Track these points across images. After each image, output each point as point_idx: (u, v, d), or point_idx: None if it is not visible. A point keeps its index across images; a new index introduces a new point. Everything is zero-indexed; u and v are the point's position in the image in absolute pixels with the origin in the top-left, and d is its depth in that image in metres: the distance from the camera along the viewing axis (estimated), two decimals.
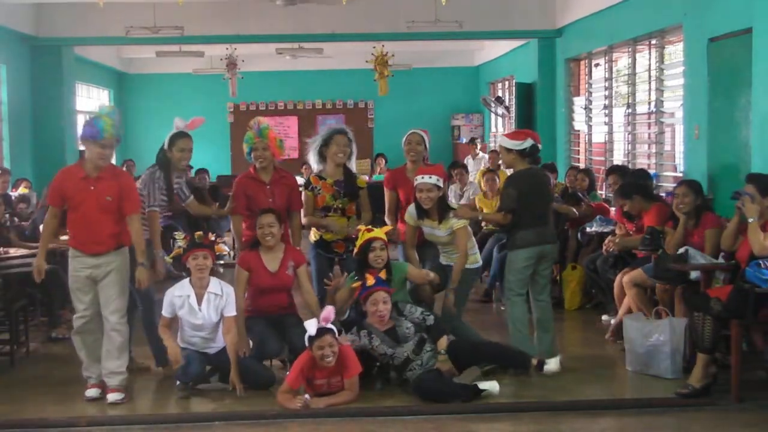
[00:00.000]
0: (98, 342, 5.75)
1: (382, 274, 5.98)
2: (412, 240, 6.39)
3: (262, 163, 6.40)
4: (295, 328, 5.97)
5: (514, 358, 6.05)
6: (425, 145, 6.73)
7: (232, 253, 6.30)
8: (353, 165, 6.60)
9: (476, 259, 6.42)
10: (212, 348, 5.94)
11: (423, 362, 5.69)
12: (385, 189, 6.78)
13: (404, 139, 6.75)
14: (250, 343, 6.10)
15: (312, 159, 6.58)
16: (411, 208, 6.31)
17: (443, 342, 5.76)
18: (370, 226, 6.18)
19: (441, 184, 6.16)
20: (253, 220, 6.32)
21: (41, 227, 8.19)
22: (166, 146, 6.36)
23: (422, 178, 6.14)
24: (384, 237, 6.06)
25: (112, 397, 5.67)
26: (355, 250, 6.14)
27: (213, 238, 6.04)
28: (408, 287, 6.28)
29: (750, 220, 5.63)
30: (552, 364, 6.13)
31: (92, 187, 5.61)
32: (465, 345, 6.01)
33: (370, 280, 5.76)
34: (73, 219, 5.69)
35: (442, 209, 6.17)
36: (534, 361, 6.13)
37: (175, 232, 6.10)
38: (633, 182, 7.39)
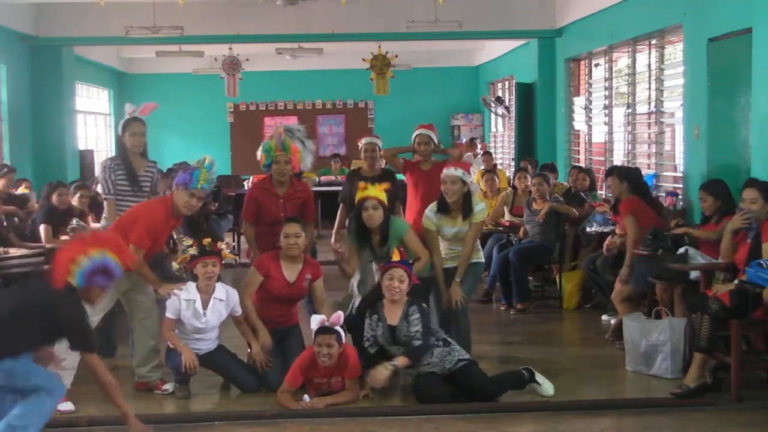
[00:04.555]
0: None
1: (376, 232, 6.00)
2: (437, 243, 6.24)
3: (281, 177, 6.29)
4: (294, 353, 5.93)
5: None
6: (434, 143, 7.26)
7: (237, 259, 6.25)
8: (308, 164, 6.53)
9: (481, 255, 6.46)
10: (203, 350, 5.94)
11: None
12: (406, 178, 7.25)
13: (414, 139, 7.19)
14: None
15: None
16: (428, 211, 6.29)
17: (403, 361, 5.53)
18: (365, 184, 6.13)
19: (467, 179, 6.20)
20: (261, 229, 6.32)
21: (41, 229, 8.23)
22: (120, 133, 6.33)
23: (448, 170, 6.22)
24: (378, 195, 6.01)
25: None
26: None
27: (222, 246, 6.02)
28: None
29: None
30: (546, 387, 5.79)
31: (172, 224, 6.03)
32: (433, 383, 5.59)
33: (397, 256, 5.74)
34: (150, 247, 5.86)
35: (466, 206, 6.19)
36: None
37: (183, 237, 6.07)
38: (638, 173, 7.68)
